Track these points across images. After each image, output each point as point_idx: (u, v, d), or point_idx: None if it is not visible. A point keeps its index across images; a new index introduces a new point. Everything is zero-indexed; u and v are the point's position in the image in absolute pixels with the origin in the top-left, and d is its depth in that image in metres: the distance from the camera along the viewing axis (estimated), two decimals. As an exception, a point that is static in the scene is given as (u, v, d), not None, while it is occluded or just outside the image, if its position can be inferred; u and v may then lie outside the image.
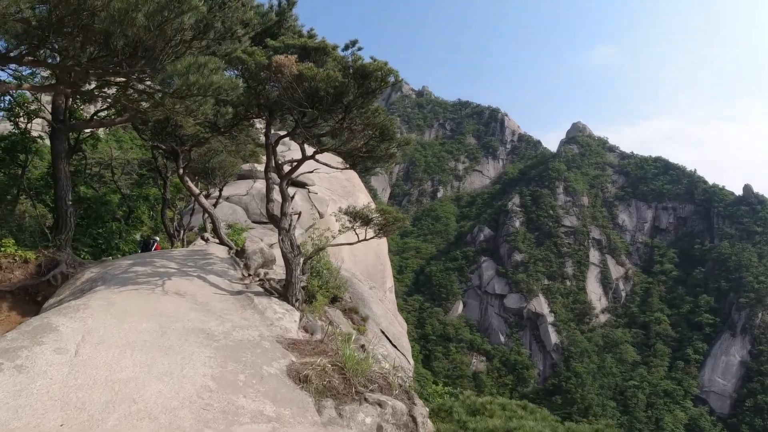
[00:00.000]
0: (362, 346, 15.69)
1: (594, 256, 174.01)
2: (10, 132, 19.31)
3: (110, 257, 20.05)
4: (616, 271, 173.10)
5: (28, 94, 18.75)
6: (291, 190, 47.04)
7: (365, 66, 9.94)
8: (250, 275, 14.39)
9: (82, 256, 19.05)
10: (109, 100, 11.96)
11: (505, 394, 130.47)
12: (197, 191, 16.96)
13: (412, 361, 17.97)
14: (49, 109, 15.12)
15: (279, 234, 11.08)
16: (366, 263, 53.40)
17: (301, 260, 11.22)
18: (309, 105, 10.38)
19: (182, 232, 23.61)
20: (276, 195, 12.25)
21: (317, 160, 12.48)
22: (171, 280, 10.77)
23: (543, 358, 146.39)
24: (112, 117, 15.25)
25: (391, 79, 10.01)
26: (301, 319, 10.36)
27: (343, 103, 10.36)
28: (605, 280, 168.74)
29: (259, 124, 25.93)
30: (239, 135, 17.82)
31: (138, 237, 23.77)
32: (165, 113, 8.88)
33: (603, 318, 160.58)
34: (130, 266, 11.88)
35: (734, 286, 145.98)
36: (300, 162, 12.07)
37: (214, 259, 14.16)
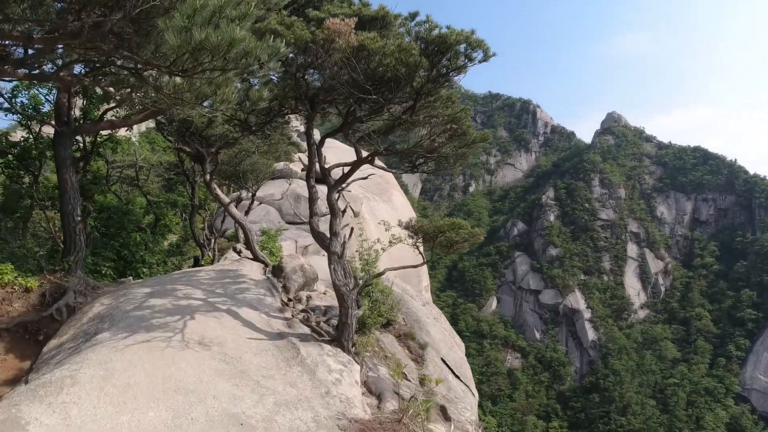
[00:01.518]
0: (421, 381, 13.36)
1: (632, 249, 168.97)
2: (22, 138, 17.43)
3: (132, 275, 18.10)
4: (655, 265, 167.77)
5: (41, 96, 16.83)
6: (323, 189, 44.97)
7: (445, 37, 7.39)
8: (290, 301, 12.07)
9: (103, 272, 17.12)
10: (118, 96, 9.72)
11: (540, 392, 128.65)
12: (226, 200, 14.73)
13: (476, 393, 15.48)
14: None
15: (329, 260, 8.66)
16: (402, 262, 51.32)
17: (357, 293, 8.79)
18: (370, 90, 7.89)
19: (213, 240, 21.50)
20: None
21: (372, 164, 10.00)
22: (194, 319, 8.51)
23: (580, 355, 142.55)
24: (128, 116, 13.05)
25: (478, 54, 7.48)
26: (361, 371, 7.97)
27: (412, 87, 7.86)
28: (644, 275, 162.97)
29: (295, 121, 23.62)
30: (273, 133, 15.51)
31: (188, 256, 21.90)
32: (165, 104, 6.30)
33: (642, 314, 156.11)
34: (146, 298, 9.69)
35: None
36: (355, 166, 9.64)
37: (247, 282, 11.89)
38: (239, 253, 17.30)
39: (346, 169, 10.31)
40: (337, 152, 58.79)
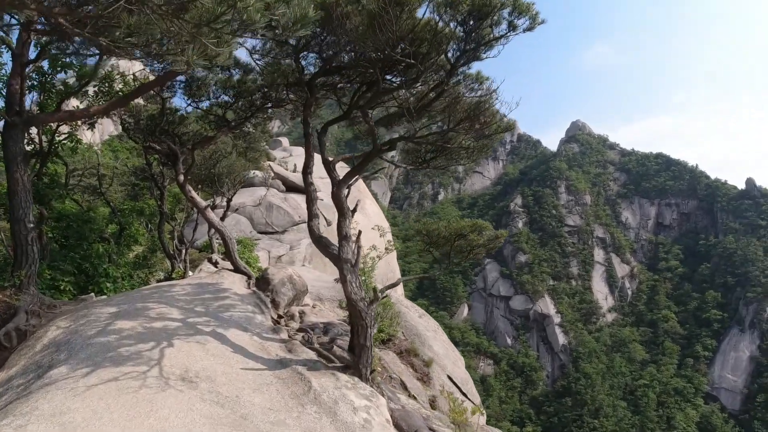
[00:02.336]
0: (432, 404, 11.89)
1: (599, 254, 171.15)
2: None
3: (94, 291, 16.14)
4: (621, 269, 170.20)
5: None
6: (295, 197, 42.87)
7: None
8: (281, 318, 10.47)
9: (62, 287, 15.17)
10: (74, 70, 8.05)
11: (514, 398, 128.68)
12: (203, 203, 13.03)
13: (484, 411, 14.09)
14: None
15: (342, 271, 7.15)
16: (386, 269, 49.76)
17: (375, 309, 7.28)
18: (390, 66, 6.46)
19: (184, 251, 19.62)
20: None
21: (384, 158, 8.54)
22: (173, 346, 6.87)
23: (551, 359, 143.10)
24: (89, 106, 11.25)
25: (524, 22, 6.10)
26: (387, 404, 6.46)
27: (447, 59, 6.45)
28: (611, 279, 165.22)
29: (269, 121, 21.79)
30: (254, 131, 13.91)
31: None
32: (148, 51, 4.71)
33: (610, 317, 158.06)
34: (112, 319, 7.99)
35: (741, 280, 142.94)
36: (370, 156, 8.12)
37: (230, 297, 10.24)
38: (215, 264, 15.59)
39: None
40: (302, 158, 57.41)
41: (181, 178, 12.42)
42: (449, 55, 6.61)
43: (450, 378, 13.15)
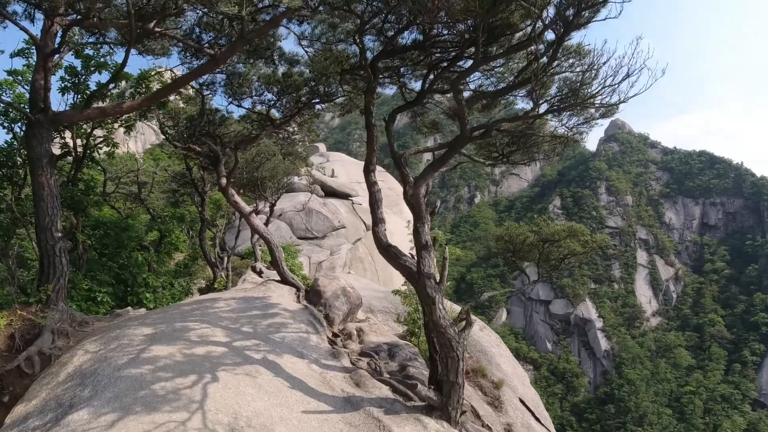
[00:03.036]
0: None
1: (641, 257, 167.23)
2: (6, 142, 14.84)
3: (133, 301, 15.27)
4: (665, 271, 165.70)
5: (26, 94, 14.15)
6: (334, 202, 41.98)
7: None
8: (337, 336, 9.20)
9: (99, 299, 14.31)
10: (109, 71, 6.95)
11: (555, 405, 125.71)
12: (247, 208, 11.92)
13: (557, 438, 12.55)
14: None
15: (424, 289, 5.81)
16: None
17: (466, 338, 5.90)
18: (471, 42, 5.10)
19: (226, 259, 18.62)
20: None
21: (463, 153, 7.17)
22: (219, 381, 5.64)
23: (593, 365, 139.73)
24: (121, 102, 10.18)
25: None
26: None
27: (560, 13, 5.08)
28: (655, 282, 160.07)
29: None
30: (302, 128, 12.75)
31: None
32: None
33: (654, 321, 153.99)
34: (146, 343, 6.83)
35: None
36: (456, 147, 6.77)
37: (280, 313, 9.03)
38: (260, 273, 14.49)
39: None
40: (345, 165, 56.33)
41: (224, 181, 11.32)
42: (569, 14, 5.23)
43: (522, 401, 11.64)
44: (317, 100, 11.40)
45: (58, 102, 16.05)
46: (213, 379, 5.75)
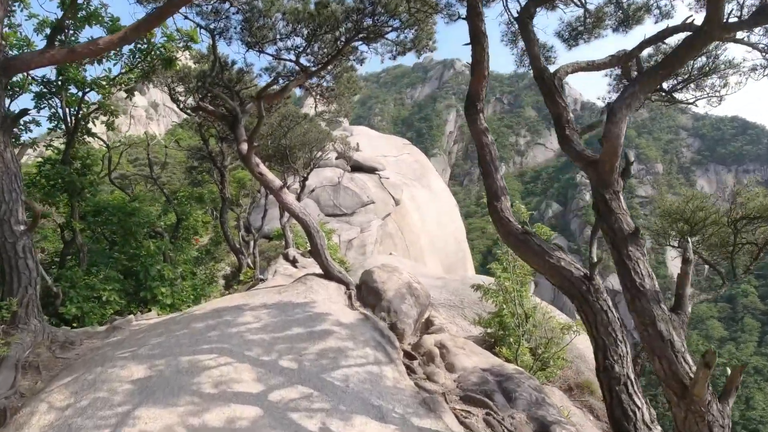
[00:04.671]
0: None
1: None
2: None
3: (147, 297, 12.88)
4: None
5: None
6: (362, 177, 39.47)
7: None
8: (413, 358, 6.49)
9: (105, 298, 11.91)
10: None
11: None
12: (278, 182, 9.24)
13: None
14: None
15: (649, 330, 3.10)
16: (447, 252, 45.79)
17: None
18: None
19: (252, 243, 16.05)
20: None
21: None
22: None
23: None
24: (97, 39, 7.44)
25: None
26: None
27: None
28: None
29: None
30: (338, 81, 9.92)
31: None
32: None
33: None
34: (132, 403, 4.32)
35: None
36: (694, 47, 3.96)
37: (333, 329, 6.43)
38: (294, 262, 11.85)
39: None
40: (370, 139, 53.60)
41: (245, 146, 8.69)
42: None
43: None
44: (362, 38, 8.57)
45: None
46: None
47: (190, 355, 5.52)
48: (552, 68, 5.96)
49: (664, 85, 6.02)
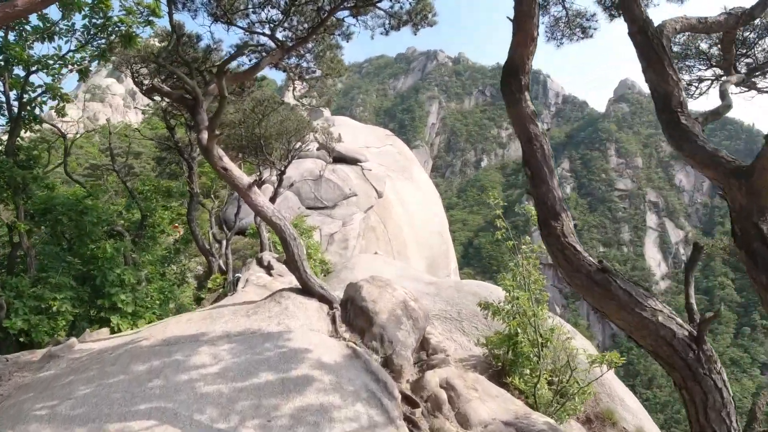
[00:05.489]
0: None
1: (651, 219, 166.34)
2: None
3: (106, 305, 11.40)
4: (675, 234, 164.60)
5: None
6: (344, 168, 38.13)
7: None
8: (416, 406, 5.12)
9: (55, 309, 10.48)
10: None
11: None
12: (244, 180, 7.77)
13: None
14: None
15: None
16: (431, 245, 44.61)
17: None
18: None
19: (225, 243, 14.56)
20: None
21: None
22: None
23: (602, 328, 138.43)
24: None
25: None
26: None
27: None
28: (664, 245, 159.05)
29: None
30: (320, 61, 8.46)
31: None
32: None
33: (663, 285, 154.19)
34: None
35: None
36: None
37: (313, 376, 4.98)
38: (268, 268, 10.40)
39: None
40: (352, 129, 52.16)
41: (205, 135, 7.26)
42: None
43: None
44: (349, 7, 7.13)
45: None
46: None
47: (120, 420, 4.04)
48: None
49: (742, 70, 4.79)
